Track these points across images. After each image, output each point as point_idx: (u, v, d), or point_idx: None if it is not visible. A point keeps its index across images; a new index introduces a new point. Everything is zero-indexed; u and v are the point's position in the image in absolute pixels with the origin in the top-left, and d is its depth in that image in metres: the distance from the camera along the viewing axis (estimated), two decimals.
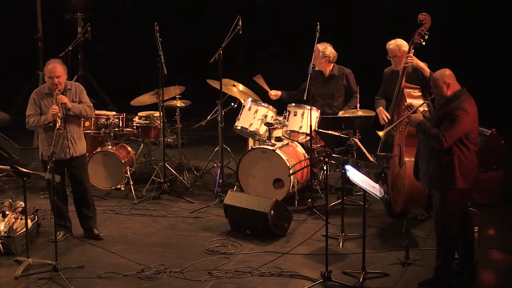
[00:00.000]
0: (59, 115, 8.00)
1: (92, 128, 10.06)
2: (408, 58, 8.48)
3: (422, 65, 8.52)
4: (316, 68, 9.73)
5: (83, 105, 8.26)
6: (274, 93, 10.07)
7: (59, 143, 8.19)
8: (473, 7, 12.32)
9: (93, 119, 9.83)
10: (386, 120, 8.81)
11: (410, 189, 8.13)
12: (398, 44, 8.79)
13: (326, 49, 9.64)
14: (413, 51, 8.52)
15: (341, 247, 8.17)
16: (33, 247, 8.12)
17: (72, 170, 8.42)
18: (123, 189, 10.08)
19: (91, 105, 8.39)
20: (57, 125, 7.94)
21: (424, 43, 8.43)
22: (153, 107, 10.46)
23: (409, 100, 8.19)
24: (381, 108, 8.99)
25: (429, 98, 8.04)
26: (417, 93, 8.52)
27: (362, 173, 7.82)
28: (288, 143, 9.68)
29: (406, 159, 8.20)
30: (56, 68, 8.17)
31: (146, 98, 10.29)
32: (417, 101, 8.21)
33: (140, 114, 10.43)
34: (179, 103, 10.36)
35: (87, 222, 8.57)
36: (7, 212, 8.28)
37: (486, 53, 12.33)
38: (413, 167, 7.49)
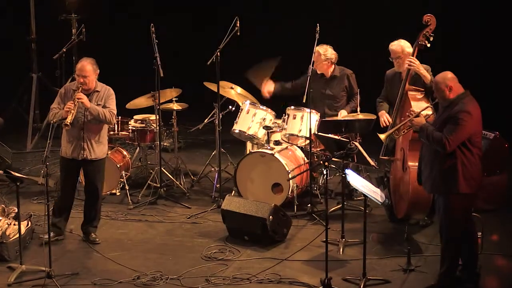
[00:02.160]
0: (72, 112, 8.03)
1: None
2: (410, 61, 8.45)
3: (423, 71, 8.44)
4: (318, 72, 9.75)
5: (103, 109, 8.29)
6: (267, 90, 10.03)
7: (74, 142, 8.27)
8: (477, 8, 12.35)
9: None
10: (386, 123, 8.79)
11: (414, 194, 8.08)
12: (401, 45, 8.75)
13: (327, 51, 9.66)
14: (416, 53, 8.51)
15: (341, 253, 8.17)
16: (26, 253, 8.10)
17: (87, 173, 8.50)
18: (118, 194, 10.08)
19: (114, 111, 8.40)
20: (66, 121, 7.99)
21: (429, 45, 8.40)
22: (149, 110, 10.46)
23: (413, 104, 8.16)
24: (383, 111, 8.97)
25: (432, 102, 8.03)
26: (421, 95, 8.48)
27: (363, 178, 7.83)
28: (287, 147, 9.68)
29: (410, 163, 8.14)
30: (85, 67, 8.27)
31: (142, 101, 10.29)
32: (421, 103, 8.19)
33: (135, 117, 10.43)
34: (175, 106, 10.37)
35: (87, 226, 8.61)
36: None
37: (489, 55, 12.34)
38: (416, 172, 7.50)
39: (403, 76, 8.64)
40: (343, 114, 9.58)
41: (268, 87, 10.07)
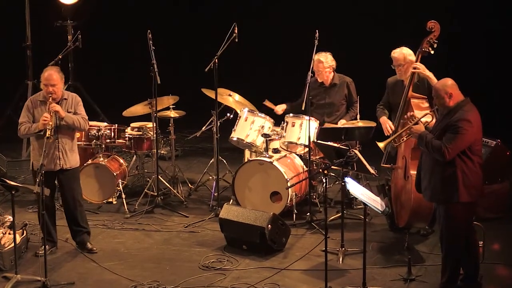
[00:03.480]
0: (50, 123, 8.02)
1: (83, 139, 10.08)
2: (415, 65, 8.44)
3: (429, 74, 8.44)
4: (319, 80, 9.77)
5: (77, 116, 8.28)
6: (281, 109, 10.08)
7: (50, 153, 8.23)
8: (479, 14, 12.38)
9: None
10: (390, 131, 8.76)
11: (416, 203, 8.04)
12: (404, 52, 8.73)
13: (327, 58, 9.69)
14: (419, 59, 8.49)
15: (341, 262, 8.17)
16: (21, 263, 8.12)
17: (63, 183, 8.44)
18: (115, 202, 10.09)
19: (86, 117, 8.41)
20: (47, 134, 7.95)
21: (432, 52, 8.38)
22: (146, 117, 10.47)
23: (416, 112, 8.11)
24: (384, 118, 8.95)
25: (434, 108, 8.01)
26: (425, 104, 8.42)
27: (363, 186, 7.83)
28: (286, 154, 9.69)
29: (412, 172, 8.08)
30: (52, 76, 8.21)
31: (138, 109, 10.30)
32: (425, 112, 8.15)
33: (132, 125, 10.45)
34: (173, 114, 10.38)
35: (79, 236, 8.59)
36: None
37: (490, 61, 12.37)
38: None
39: (405, 84, 8.64)
40: (343, 123, 9.60)
41: (281, 106, 10.09)
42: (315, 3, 13.32)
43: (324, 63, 9.67)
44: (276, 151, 9.72)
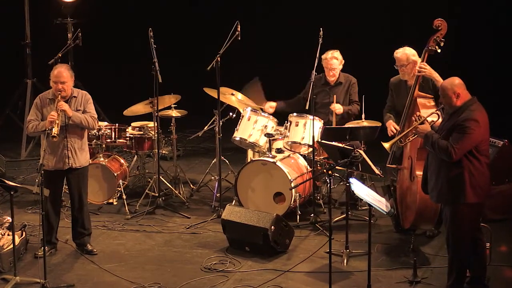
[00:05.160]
0: (57, 122, 8.03)
1: None
2: (421, 67, 8.42)
3: (436, 75, 8.43)
4: (328, 77, 9.77)
5: (85, 115, 8.29)
6: (269, 105, 10.04)
7: (58, 152, 8.25)
8: (486, 13, 12.37)
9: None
10: (394, 132, 8.74)
11: (421, 204, 8.05)
12: (407, 53, 8.71)
13: (340, 55, 9.71)
14: (426, 58, 8.47)
15: (345, 264, 8.17)
16: (20, 264, 8.12)
17: (71, 182, 8.46)
18: (115, 203, 10.09)
19: (95, 116, 8.42)
20: (52, 132, 7.96)
21: (439, 51, 8.36)
22: (147, 117, 10.48)
23: (422, 111, 8.09)
24: (390, 121, 8.94)
25: (440, 107, 8.00)
26: (431, 103, 8.39)
27: (367, 187, 7.83)
28: (290, 155, 9.69)
29: (417, 172, 8.08)
30: (62, 74, 8.23)
31: (140, 108, 10.30)
32: (431, 111, 8.13)
33: (133, 124, 10.45)
34: (174, 113, 10.39)
35: (80, 237, 8.59)
36: None
37: (497, 59, 12.35)
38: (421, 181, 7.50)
39: (409, 84, 8.62)
40: (337, 107, 9.56)
41: (270, 103, 10.05)
42: (317, 3, 13.32)
43: (338, 59, 9.68)
44: (279, 151, 9.72)
